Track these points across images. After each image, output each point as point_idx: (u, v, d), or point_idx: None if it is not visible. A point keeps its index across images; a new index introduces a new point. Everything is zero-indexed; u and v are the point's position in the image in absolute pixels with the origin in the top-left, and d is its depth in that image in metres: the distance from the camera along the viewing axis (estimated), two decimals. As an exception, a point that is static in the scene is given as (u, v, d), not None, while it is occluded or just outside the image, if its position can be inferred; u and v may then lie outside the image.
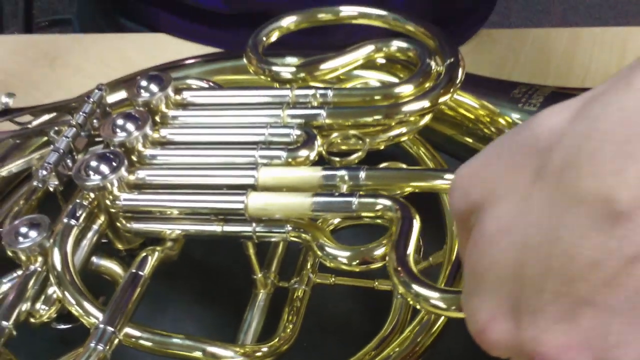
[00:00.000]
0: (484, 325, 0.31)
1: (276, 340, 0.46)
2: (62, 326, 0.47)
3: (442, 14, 0.76)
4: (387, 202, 0.43)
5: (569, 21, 2.09)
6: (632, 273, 0.27)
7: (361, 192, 0.44)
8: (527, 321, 0.29)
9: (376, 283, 0.49)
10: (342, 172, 0.45)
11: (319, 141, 0.48)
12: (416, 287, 0.38)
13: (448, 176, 0.45)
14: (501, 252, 0.30)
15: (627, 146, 0.27)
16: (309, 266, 0.50)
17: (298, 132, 0.49)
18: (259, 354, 0.44)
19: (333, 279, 0.50)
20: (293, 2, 0.58)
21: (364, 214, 0.44)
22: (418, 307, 0.38)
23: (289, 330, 0.47)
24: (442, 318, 0.44)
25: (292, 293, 0.49)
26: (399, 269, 0.39)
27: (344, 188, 0.45)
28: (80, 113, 0.52)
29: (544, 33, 0.74)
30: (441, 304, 0.37)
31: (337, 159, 0.47)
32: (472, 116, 0.53)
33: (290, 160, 0.47)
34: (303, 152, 0.47)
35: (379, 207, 0.43)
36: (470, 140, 0.53)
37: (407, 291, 0.38)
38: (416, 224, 0.42)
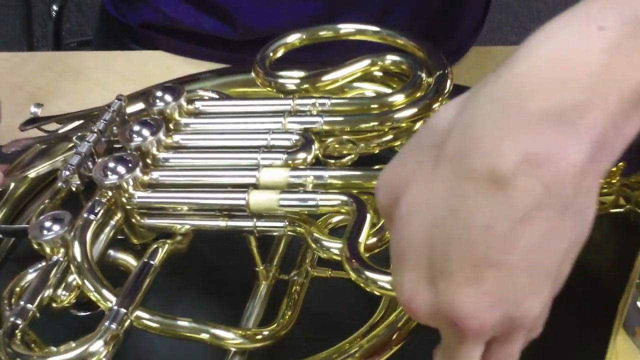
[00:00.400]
0: (409, 297, 0.35)
1: (275, 325, 0.50)
2: (81, 313, 0.52)
3: (439, 28, 0.81)
4: (344, 198, 0.48)
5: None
6: (522, 232, 0.32)
7: (323, 191, 0.49)
8: (442, 288, 0.34)
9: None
10: (308, 173, 0.50)
11: (315, 145, 0.53)
12: (367, 273, 0.43)
13: None
14: (414, 230, 0.34)
15: (500, 127, 0.32)
16: (307, 261, 0.55)
17: (297, 137, 0.53)
18: (259, 337, 0.49)
19: (330, 272, 0.54)
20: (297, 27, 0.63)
21: (324, 209, 0.49)
22: (369, 289, 0.43)
23: (287, 317, 0.51)
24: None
25: (292, 285, 0.53)
26: (350, 257, 0.44)
27: (310, 187, 0.50)
28: (101, 120, 0.57)
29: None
30: (388, 285, 0.42)
31: (332, 161, 0.52)
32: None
33: (289, 162, 0.52)
34: (301, 155, 0.52)
35: (336, 202, 0.49)
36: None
37: (358, 277, 0.43)
38: (368, 217, 0.46)
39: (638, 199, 0.45)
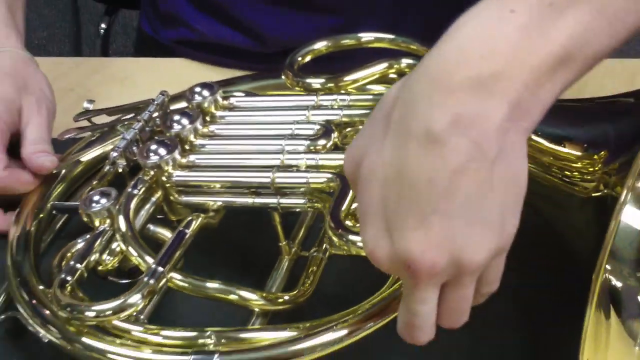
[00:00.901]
0: (371, 249, 0.41)
1: (295, 292, 0.56)
2: (123, 281, 0.58)
3: None
4: (330, 176, 0.55)
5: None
6: (459, 183, 0.38)
7: (315, 170, 0.56)
8: (396, 237, 0.40)
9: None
10: (301, 156, 0.57)
11: (335, 134, 0.59)
12: (349, 236, 0.50)
13: None
14: (372, 191, 0.41)
15: (432, 96, 0.39)
16: (327, 239, 0.60)
17: (318, 127, 0.60)
18: (280, 300, 0.55)
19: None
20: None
21: (314, 185, 0.56)
22: (346, 249, 0.50)
23: (307, 285, 0.57)
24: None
25: (311, 260, 0.59)
26: (334, 226, 0.51)
27: (303, 167, 0.57)
28: (146, 111, 0.64)
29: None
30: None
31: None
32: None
33: (311, 147, 0.58)
34: (321, 142, 0.58)
35: (323, 180, 0.56)
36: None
37: (340, 240, 0.50)
38: (350, 191, 0.53)
39: (615, 184, 0.50)
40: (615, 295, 0.48)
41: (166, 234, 0.60)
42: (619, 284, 0.48)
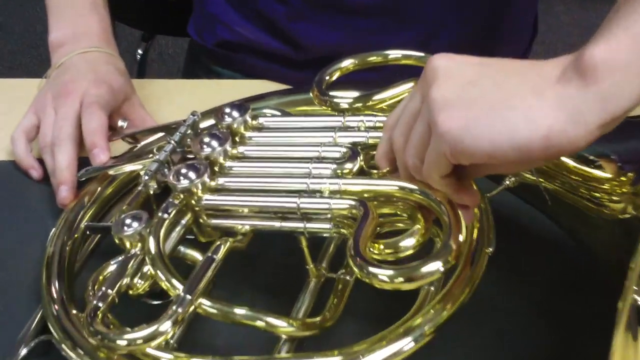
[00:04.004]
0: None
1: (322, 316, 0.56)
2: (154, 302, 0.60)
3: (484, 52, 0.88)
4: (353, 203, 0.56)
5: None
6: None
7: (336, 197, 0.56)
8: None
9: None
10: (325, 181, 0.57)
11: (360, 157, 0.59)
12: (370, 268, 0.49)
13: (392, 182, 0.55)
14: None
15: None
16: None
17: (344, 150, 0.60)
18: (307, 326, 0.55)
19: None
20: (349, 49, 0.70)
21: (336, 212, 0.56)
22: (369, 282, 0.49)
23: (333, 310, 0.57)
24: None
25: (339, 282, 0.60)
26: (354, 255, 0.51)
27: (327, 193, 0.57)
28: (178, 133, 0.65)
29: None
30: (386, 279, 0.49)
31: (375, 171, 0.58)
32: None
33: (337, 171, 0.58)
34: (348, 165, 0.59)
35: (345, 206, 0.56)
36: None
37: (360, 272, 0.50)
38: (372, 218, 0.53)
39: (641, 204, 0.50)
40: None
41: (197, 255, 0.61)
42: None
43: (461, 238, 0.50)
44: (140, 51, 1.40)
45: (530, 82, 0.44)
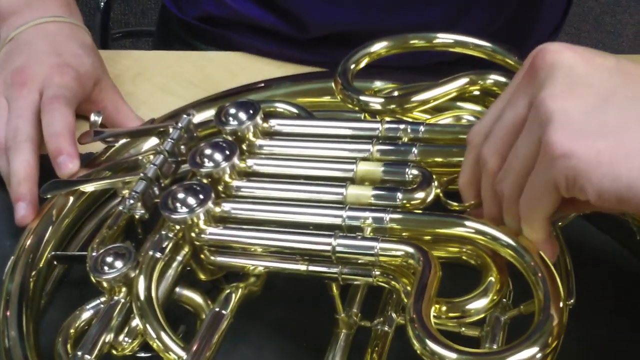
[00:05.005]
0: None
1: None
2: (143, 354, 0.47)
3: (515, 30, 0.75)
4: (410, 250, 0.43)
5: (640, 44, 2.06)
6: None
7: (384, 237, 0.43)
8: None
9: (462, 329, 0.47)
10: (367, 214, 0.44)
11: (435, 183, 0.46)
12: (430, 344, 0.38)
13: (469, 224, 0.43)
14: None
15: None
16: (391, 306, 0.49)
17: (414, 171, 0.47)
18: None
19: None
20: (362, 29, 0.56)
21: (384, 260, 0.43)
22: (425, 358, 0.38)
23: (371, 368, 0.46)
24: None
25: (375, 333, 0.48)
26: (415, 318, 0.39)
27: (368, 231, 0.44)
28: (168, 140, 0.51)
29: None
30: None
31: (455, 203, 0.45)
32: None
33: (405, 202, 0.45)
34: (418, 195, 0.45)
35: (400, 253, 0.43)
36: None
37: (421, 347, 0.38)
38: (434, 273, 0.41)
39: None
40: None
41: (196, 299, 0.48)
42: None
43: (557, 310, 0.38)
44: (103, -1, 1.24)
45: None
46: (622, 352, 0.51)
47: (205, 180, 0.48)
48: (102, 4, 1.24)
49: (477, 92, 0.53)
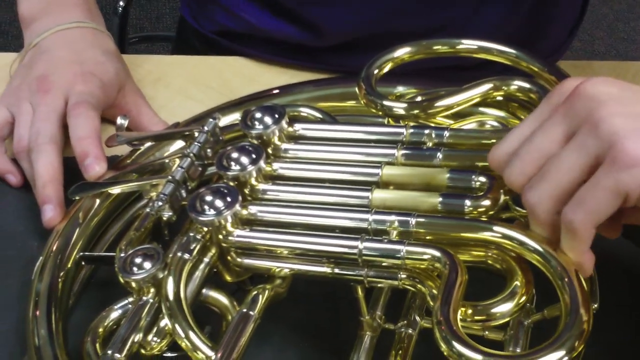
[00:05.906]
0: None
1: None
2: (170, 354, 0.48)
3: (532, 29, 0.76)
4: (436, 253, 0.43)
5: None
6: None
7: (411, 241, 0.44)
8: None
9: (486, 332, 0.48)
10: (392, 218, 0.45)
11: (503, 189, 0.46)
12: (458, 346, 0.38)
13: (497, 229, 0.43)
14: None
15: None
16: (416, 308, 0.49)
17: (483, 178, 0.47)
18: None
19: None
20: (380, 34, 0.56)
21: (410, 263, 0.44)
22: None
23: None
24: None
25: (399, 336, 0.48)
26: (442, 320, 0.40)
27: (394, 234, 0.45)
28: (195, 143, 0.52)
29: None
30: None
31: (524, 210, 0.45)
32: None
33: (472, 209, 0.46)
34: (484, 203, 0.45)
35: (426, 256, 0.43)
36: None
37: (448, 349, 0.39)
38: (461, 276, 0.42)
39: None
40: None
41: (222, 300, 0.49)
42: None
43: (584, 314, 0.39)
44: (122, 3, 1.24)
45: None
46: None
47: (232, 183, 0.49)
48: (120, 8, 1.25)
49: (499, 98, 0.54)
